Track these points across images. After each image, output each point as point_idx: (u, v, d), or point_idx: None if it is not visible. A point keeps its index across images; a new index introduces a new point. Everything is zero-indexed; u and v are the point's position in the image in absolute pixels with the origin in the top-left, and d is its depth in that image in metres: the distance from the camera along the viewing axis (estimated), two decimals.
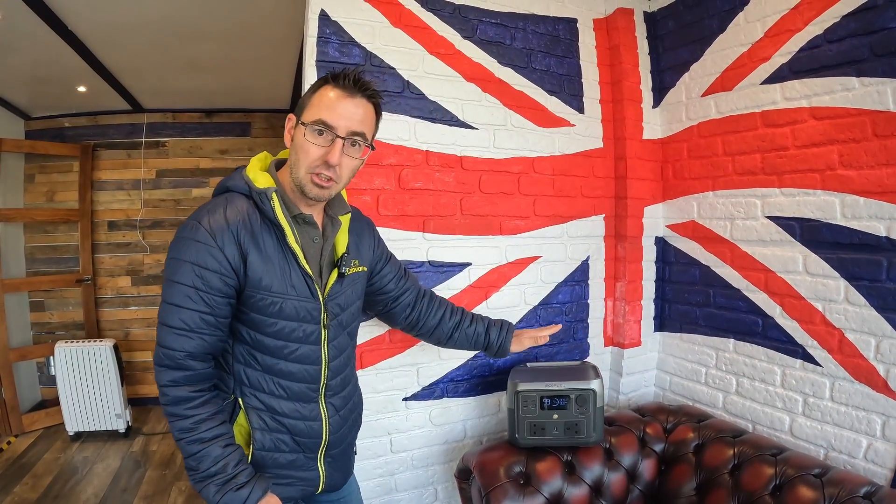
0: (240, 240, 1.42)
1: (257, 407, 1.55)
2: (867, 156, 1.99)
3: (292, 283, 1.50)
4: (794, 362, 2.26)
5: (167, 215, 5.09)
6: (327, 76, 1.49)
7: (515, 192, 2.52)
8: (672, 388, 2.80)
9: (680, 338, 2.74)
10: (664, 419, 2.45)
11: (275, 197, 1.47)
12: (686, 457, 2.27)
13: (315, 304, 1.56)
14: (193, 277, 1.38)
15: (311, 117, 1.45)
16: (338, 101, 1.45)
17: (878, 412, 2.00)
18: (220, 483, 1.40)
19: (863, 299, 2.02)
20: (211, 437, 1.41)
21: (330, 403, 1.67)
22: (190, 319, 1.39)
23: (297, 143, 1.48)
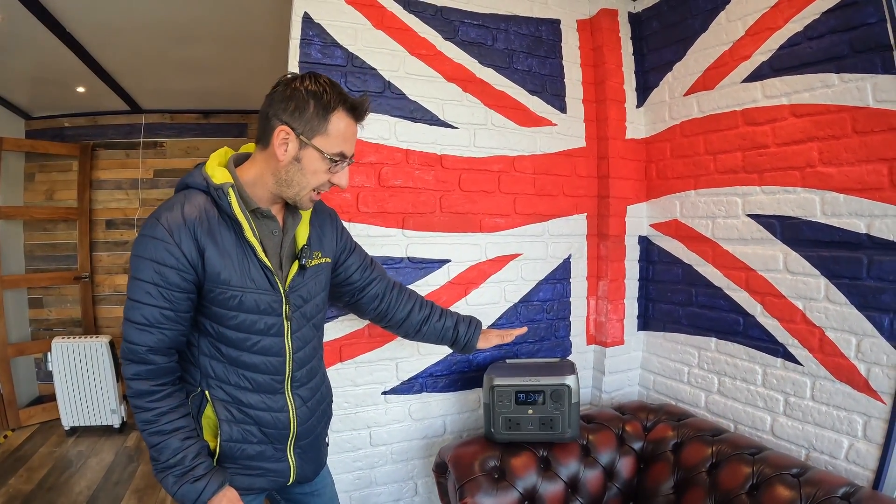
0: (196, 235, 1.41)
1: (223, 399, 1.55)
2: (847, 153, 1.96)
3: (251, 276, 1.50)
4: (775, 361, 2.23)
5: None
6: (345, 101, 1.48)
7: (496, 191, 2.51)
8: (656, 388, 2.77)
9: (664, 337, 2.71)
10: (644, 417, 2.42)
11: (231, 192, 1.45)
12: (665, 455, 2.24)
13: (275, 296, 1.55)
14: (152, 274, 1.38)
15: (331, 148, 1.46)
16: (353, 130, 1.52)
17: (860, 412, 1.96)
18: (178, 475, 1.42)
19: (843, 297, 1.99)
20: (171, 429, 1.43)
21: (296, 395, 1.66)
22: (150, 315, 1.40)
23: (306, 166, 1.47)
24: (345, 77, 2.24)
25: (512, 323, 2.60)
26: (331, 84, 1.47)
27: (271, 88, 1.48)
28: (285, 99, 1.44)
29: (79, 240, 4.95)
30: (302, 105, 1.43)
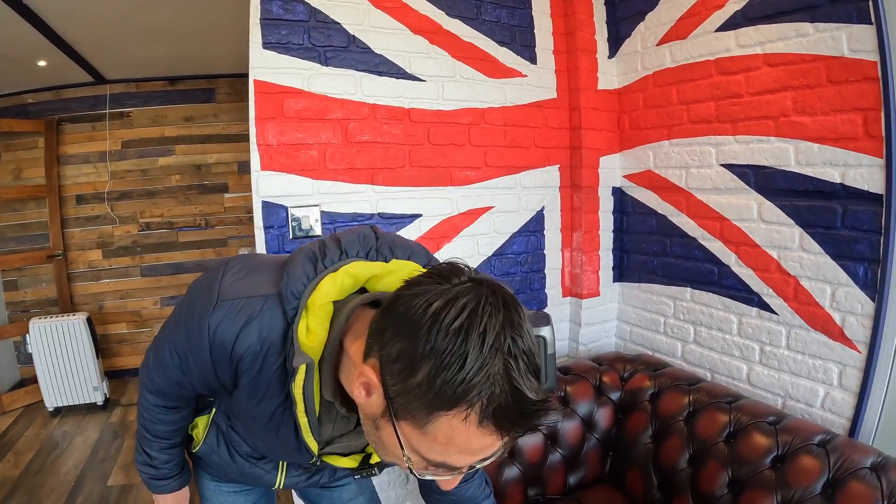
0: (239, 371, 1.02)
1: (221, 429, 1.37)
2: (821, 102, 1.93)
3: (279, 435, 1.11)
4: (751, 310, 2.22)
5: (135, 185, 4.99)
6: (492, 401, 0.75)
7: (466, 144, 2.46)
8: (632, 339, 2.76)
9: (639, 288, 2.69)
10: (621, 368, 2.41)
11: (301, 372, 0.95)
12: (642, 405, 2.24)
13: (302, 457, 1.17)
14: (179, 351, 1.07)
15: (426, 451, 0.82)
16: (485, 443, 0.80)
17: (835, 360, 1.96)
18: (143, 462, 1.37)
19: (818, 247, 1.98)
20: (158, 435, 1.32)
21: (295, 468, 1.42)
22: (167, 375, 1.14)
23: (387, 444, 0.87)
24: (308, 33, 2.16)
25: None
26: (497, 335, 0.75)
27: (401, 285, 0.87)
28: (400, 324, 0.80)
29: (49, 217, 4.84)
30: (416, 360, 0.76)
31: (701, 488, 1.98)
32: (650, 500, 2.14)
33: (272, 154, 2.12)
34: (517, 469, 2.13)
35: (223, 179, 5.19)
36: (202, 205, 5.19)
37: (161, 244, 5.13)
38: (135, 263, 5.10)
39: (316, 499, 1.65)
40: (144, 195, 5.04)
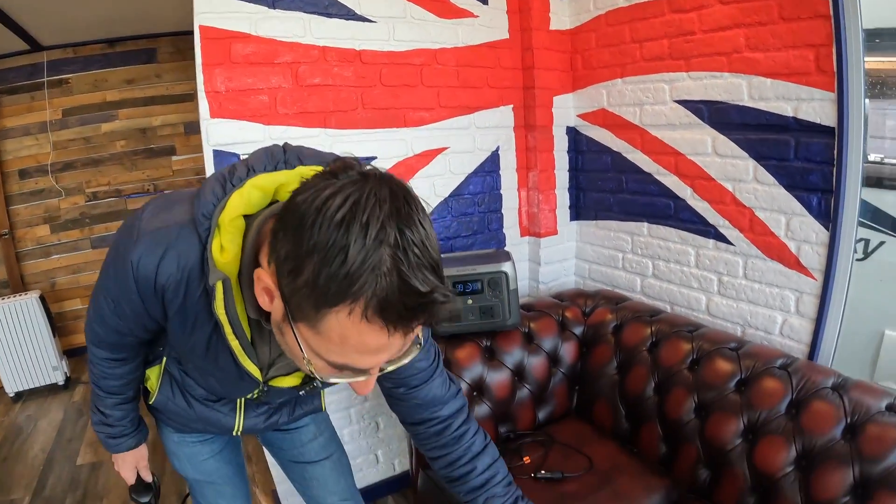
0: (164, 301, 0.98)
1: (174, 377, 1.31)
2: (774, 38, 1.91)
3: (219, 365, 1.09)
4: (707, 242, 2.22)
5: (78, 155, 4.73)
6: (376, 290, 0.70)
7: (418, 84, 2.38)
8: (591, 276, 2.75)
9: (596, 225, 2.67)
10: (583, 303, 2.40)
11: (219, 289, 0.91)
12: (605, 338, 2.24)
13: (249, 384, 1.16)
14: (112, 296, 1.04)
15: (326, 352, 0.80)
16: (379, 342, 0.77)
17: (792, 288, 1.98)
18: (98, 421, 1.35)
19: (772, 178, 1.97)
20: (110, 391, 1.28)
21: (252, 409, 1.39)
22: (106, 324, 1.11)
23: (292, 349, 0.86)
24: None
25: (444, 218, 2.54)
26: (380, 227, 0.70)
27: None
28: (288, 224, 0.76)
29: None
30: (301, 258, 0.73)
31: (668, 415, 2.00)
32: (619, 430, 2.15)
33: (221, 101, 2.01)
34: (487, 406, 2.10)
35: (170, 142, 4.95)
36: (149, 169, 4.95)
37: (110, 213, 4.90)
38: (84, 236, 4.86)
39: (278, 443, 1.61)
40: (89, 164, 4.78)
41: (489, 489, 1.31)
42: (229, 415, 1.36)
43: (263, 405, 1.40)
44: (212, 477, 1.50)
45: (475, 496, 1.31)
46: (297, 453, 1.59)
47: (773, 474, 1.73)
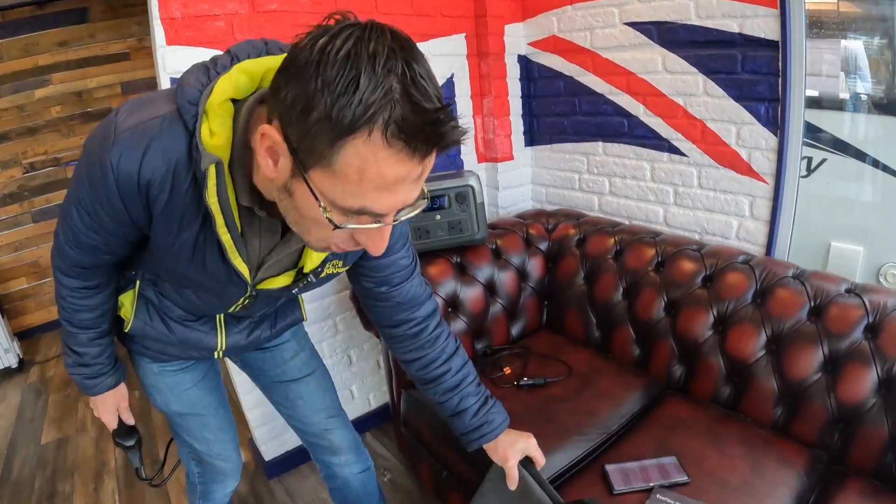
0: (148, 200, 0.90)
1: (150, 300, 1.24)
2: None
3: (206, 266, 1.02)
4: (662, 156, 2.24)
5: (12, 125, 4.28)
6: (393, 113, 0.69)
7: (374, 12, 2.28)
8: (549, 199, 2.75)
9: (551, 149, 2.67)
10: (545, 221, 2.40)
11: (212, 175, 0.85)
12: (570, 251, 2.25)
13: (236, 290, 1.11)
14: (88, 202, 0.94)
15: (340, 196, 0.76)
16: (399, 173, 0.74)
17: (745, 193, 2.03)
18: (74, 363, 1.26)
19: (721, 91, 2.00)
20: (83, 326, 1.20)
21: (233, 325, 1.34)
22: (80, 241, 1.01)
23: (302, 207, 0.81)
24: None
25: None
26: (387, 58, 0.68)
27: None
28: (291, 72, 0.72)
29: None
30: (310, 96, 0.69)
31: (639, 316, 2.03)
32: (591, 338, 2.17)
33: (177, 27, 1.89)
34: (463, 322, 2.09)
35: (107, 104, 4.59)
36: (87, 134, 4.65)
37: (50, 184, 4.51)
38: (24, 210, 4.51)
39: (259, 364, 1.54)
40: (25, 133, 4.40)
41: (462, 389, 1.37)
42: (210, 334, 1.30)
43: (244, 320, 1.35)
44: (196, 407, 1.43)
45: (449, 396, 1.36)
46: (279, 372, 1.53)
47: (746, 360, 1.79)
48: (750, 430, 1.71)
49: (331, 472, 1.66)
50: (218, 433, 1.49)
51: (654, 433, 1.71)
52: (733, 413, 1.81)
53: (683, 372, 1.94)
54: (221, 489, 1.62)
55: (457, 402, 1.37)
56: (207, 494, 1.62)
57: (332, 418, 1.59)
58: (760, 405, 1.77)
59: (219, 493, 1.63)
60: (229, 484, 1.61)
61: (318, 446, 1.62)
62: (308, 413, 1.57)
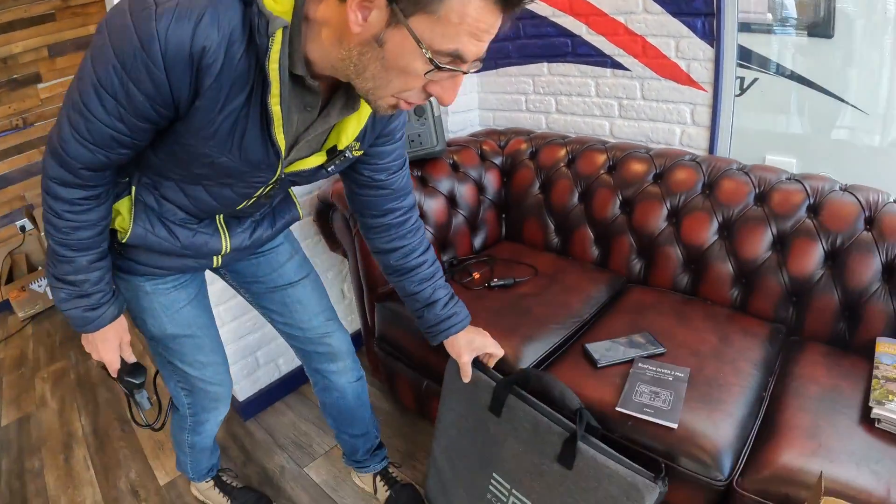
0: (198, 72, 0.84)
1: (149, 205, 1.16)
2: None
3: (243, 146, 0.97)
4: (605, 72, 2.27)
5: None
6: None
7: None
8: (496, 123, 2.74)
9: (496, 73, 2.65)
10: (497, 138, 2.42)
11: (278, 39, 0.83)
12: (524, 163, 2.27)
13: (265, 176, 1.08)
14: (117, 87, 0.85)
15: (440, 40, 0.79)
16: (491, 21, 0.81)
17: (686, 102, 2.09)
18: (70, 295, 1.13)
19: (659, 7, 2.04)
20: (80, 247, 1.08)
21: (235, 225, 1.30)
22: (98, 133, 0.92)
23: (391, 57, 0.82)
24: None
25: None
26: None
27: None
28: None
29: None
30: None
31: (595, 217, 2.08)
32: (551, 244, 2.22)
33: None
34: (430, 232, 2.09)
35: (34, 69, 4.22)
36: (15, 102, 4.09)
37: None
38: None
39: (253, 270, 1.48)
40: None
41: (435, 281, 1.46)
42: (214, 236, 1.24)
43: (245, 220, 1.30)
44: (190, 328, 1.36)
45: (424, 287, 1.44)
46: (275, 276, 1.48)
47: (701, 246, 1.87)
48: (712, 310, 1.80)
49: (327, 384, 1.64)
50: (211, 355, 1.44)
51: (624, 317, 1.77)
52: (694, 297, 1.89)
53: (643, 265, 2.01)
54: (214, 417, 1.57)
55: (430, 293, 1.45)
56: (198, 426, 1.57)
57: (331, 321, 1.57)
58: (718, 287, 1.85)
59: (211, 422, 1.58)
60: (221, 410, 1.56)
61: (316, 354, 1.59)
62: (307, 317, 1.54)
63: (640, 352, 1.58)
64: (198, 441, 1.64)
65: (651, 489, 1.18)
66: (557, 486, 1.33)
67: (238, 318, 2.10)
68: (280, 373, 2.36)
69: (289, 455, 2.10)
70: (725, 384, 1.47)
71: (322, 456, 2.08)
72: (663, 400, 1.40)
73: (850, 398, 1.43)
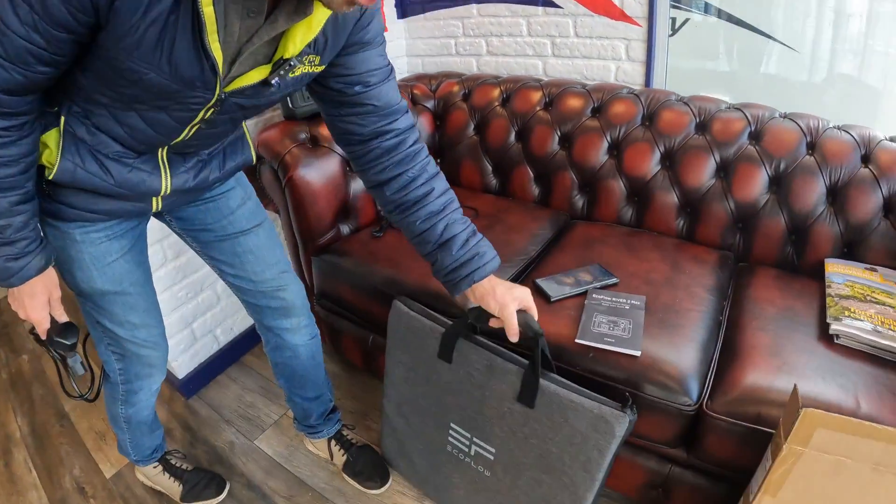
0: None
1: (80, 136, 0.97)
2: None
3: (173, 58, 0.81)
4: (537, 10, 2.16)
5: None
6: None
7: None
8: (426, 70, 2.58)
9: (424, 18, 2.49)
10: (427, 82, 2.26)
11: None
12: (457, 105, 2.13)
13: (202, 96, 0.90)
14: (25, 8, 0.72)
15: None
16: None
17: (621, 38, 2.01)
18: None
19: None
20: (4, 187, 0.90)
21: (179, 163, 1.11)
22: (13, 49, 0.76)
23: None
24: None
25: None
26: None
27: None
28: None
29: None
30: None
31: (534, 155, 1.98)
32: (489, 186, 2.10)
33: None
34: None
35: None
36: None
37: None
38: None
39: (200, 217, 1.28)
40: None
41: (448, 213, 1.19)
42: (153, 174, 1.05)
43: (191, 157, 1.11)
44: (122, 284, 1.16)
45: (434, 221, 1.17)
46: (226, 224, 1.29)
47: (644, 177, 1.79)
48: (659, 240, 1.73)
49: (279, 342, 1.46)
50: (144, 316, 1.24)
51: (572, 251, 1.67)
52: (640, 229, 1.82)
53: (586, 200, 1.92)
54: (147, 386, 1.38)
55: (443, 228, 1.17)
56: (131, 396, 1.38)
57: (285, 273, 1.39)
58: (664, 218, 1.78)
59: (144, 392, 1.39)
60: (156, 378, 1.37)
61: (270, 309, 1.40)
62: (260, 269, 1.34)
63: (592, 283, 1.48)
64: (133, 414, 1.43)
65: (620, 419, 1.09)
66: (521, 428, 1.22)
67: (169, 288, 1.88)
68: (219, 344, 2.15)
69: (237, 429, 1.92)
70: (682, 310, 1.40)
71: (271, 426, 1.91)
72: (623, 329, 1.32)
73: (806, 317, 1.39)
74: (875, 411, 1.12)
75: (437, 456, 1.44)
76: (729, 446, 1.19)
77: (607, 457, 1.12)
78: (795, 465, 0.99)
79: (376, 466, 1.66)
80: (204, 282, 1.99)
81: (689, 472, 1.30)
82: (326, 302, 1.87)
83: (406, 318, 1.32)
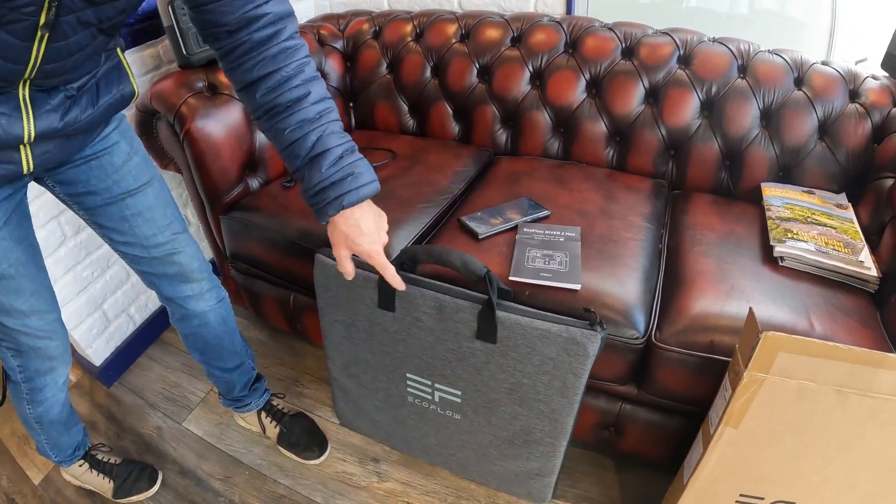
0: None
1: None
2: None
3: None
4: None
5: None
6: None
7: None
8: (334, 10, 2.27)
9: None
10: (335, 21, 2.00)
11: None
12: (367, 43, 1.89)
13: None
14: None
15: None
16: None
17: None
18: None
19: None
20: None
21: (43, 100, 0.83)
22: None
23: None
24: None
25: None
26: None
27: None
28: None
29: None
30: None
31: (452, 90, 1.78)
32: (406, 126, 1.88)
33: None
34: None
35: None
36: None
37: None
38: None
39: (83, 179, 1.03)
40: None
41: (323, 123, 0.95)
42: (13, 116, 0.79)
43: (57, 93, 0.84)
44: (0, 266, 0.93)
45: (307, 130, 0.93)
46: (110, 184, 1.04)
47: (570, 106, 1.65)
48: (589, 171, 1.58)
49: (185, 311, 1.23)
50: (33, 301, 1.00)
51: (498, 187, 1.50)
52: (568, 161, 1.67)
53: (509, 135, 1.75)
54: (52, 382, 1.15)
55: (315, 139, 0.94)
56: (37, 394, 1.15)
57: (178, 234, 1.14)
58: (592, 149, 1.64)
59: (50, 388, 1.15)
60: (60, 372, 1.14)
61: (166, 277, 1.17)
62: (151, 232, 1.11)
63: (522, 217, 1.32)
64: (43, 413, 1.19)
65: (591, 337, 0.94)
66: (486, 366, 1.05)
67: (72, 268, 1.59)
68: (135, 324, 1.87)
69: (163, 413, 1.68)
70: (620, 239, 1.25)
71: (199, 405, 1.68)
72: (559, 262, 1.16)
73: (748, 241, 1.28)
74: (829, 332, 1.02)
75: (398, 410, 1.28)
76: (681, 379, 1.06)
77: (583, 378, 1.00)
78: (757, 392, 0.87)
79: (313, 434, 1.48)
80: (110, 257, 1.70)
81: (641, 409, 1.18)
82: (241, 264, 1.62)
83: (333, 271, 1.10)
